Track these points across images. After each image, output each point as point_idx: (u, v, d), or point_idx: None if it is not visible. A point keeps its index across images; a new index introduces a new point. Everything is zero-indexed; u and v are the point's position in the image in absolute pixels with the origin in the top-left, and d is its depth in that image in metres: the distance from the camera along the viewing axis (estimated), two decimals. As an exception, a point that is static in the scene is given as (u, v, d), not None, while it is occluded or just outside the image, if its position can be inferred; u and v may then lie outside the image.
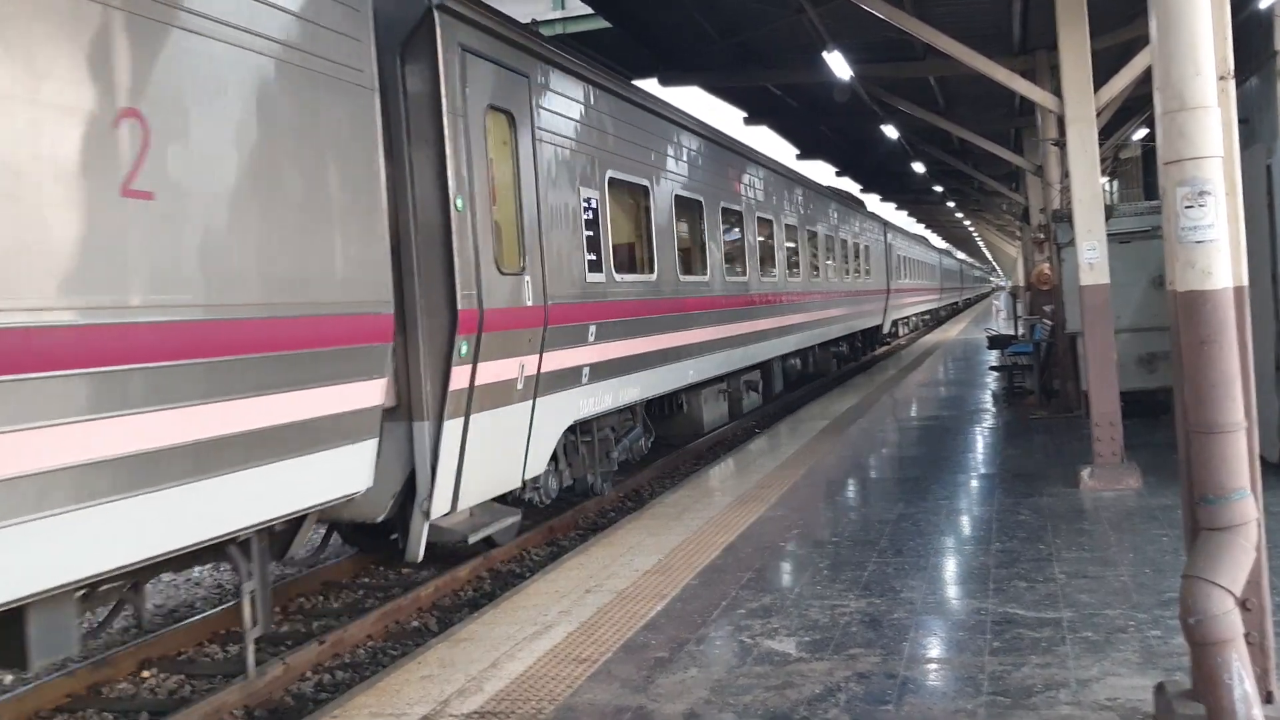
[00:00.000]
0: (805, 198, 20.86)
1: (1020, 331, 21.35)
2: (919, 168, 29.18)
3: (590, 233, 10.22)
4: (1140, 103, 16.66)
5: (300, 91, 6.18)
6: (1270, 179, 8.54)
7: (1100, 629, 5.64)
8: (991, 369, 20.61)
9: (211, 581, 9.56)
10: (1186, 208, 4.15)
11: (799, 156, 27.74)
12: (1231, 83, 4.52)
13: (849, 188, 32.95)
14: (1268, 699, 4.19)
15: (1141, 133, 20.48)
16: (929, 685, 5.07)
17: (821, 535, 8.18)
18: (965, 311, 66.43)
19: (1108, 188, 22.95)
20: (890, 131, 21.74)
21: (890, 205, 50.67)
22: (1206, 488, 4.13)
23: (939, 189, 37.82)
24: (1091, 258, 9.51)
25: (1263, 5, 8.87)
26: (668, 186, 12.66)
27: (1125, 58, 11.01)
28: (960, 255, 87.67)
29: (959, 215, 55.42)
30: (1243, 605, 4.04)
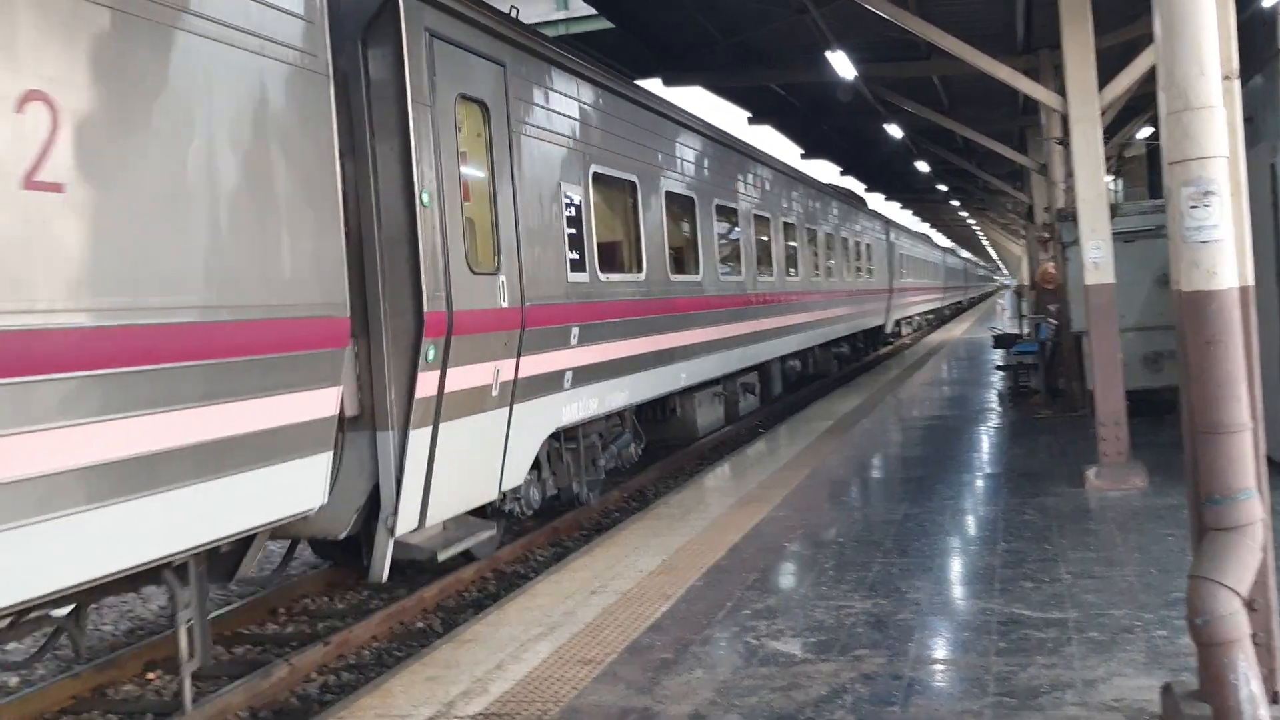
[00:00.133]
0: (804, 195, 20.54)
1: (1025, 330, 21.33)
2: (923, 167, 29.19)
3: (573, 230, 9.81)
4: (1145, 101, 16.62)
5: (239, 75, 5.69)
6: (1275, 178, 8.52)
7: (1106, 629, 5.63)
8: (996, 368, 20.60)
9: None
10: (1191, 208, 4.14)
11: (803, 156, 27.78)
12: (1236, 82, 4.51)
13: (853, 187, 32.90)
14: (1274, 699, 4.19)
15: (1146, 131, 20.46)
16: (935, 686, 5.07)
17: (826, 536, 8.17)
18: (970, 310, 66.45)
19: (1113, 186, 22.91)
20: (894, 131, 21.74)
21: (894, 204, 50.68)
22: (1213, 488, 4.12)
23: (943, 188, 37.82)
24: (1096, 257, 9.50)
25: (1266, 4, 8.86)
26: (657, 183, 12.27)
27: (1129, 56, 10.99)
28: (964, 254, 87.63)
29: (963, 214, 55.43)
30: (1249, 605, 4.03)
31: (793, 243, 19.06)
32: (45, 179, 4.54)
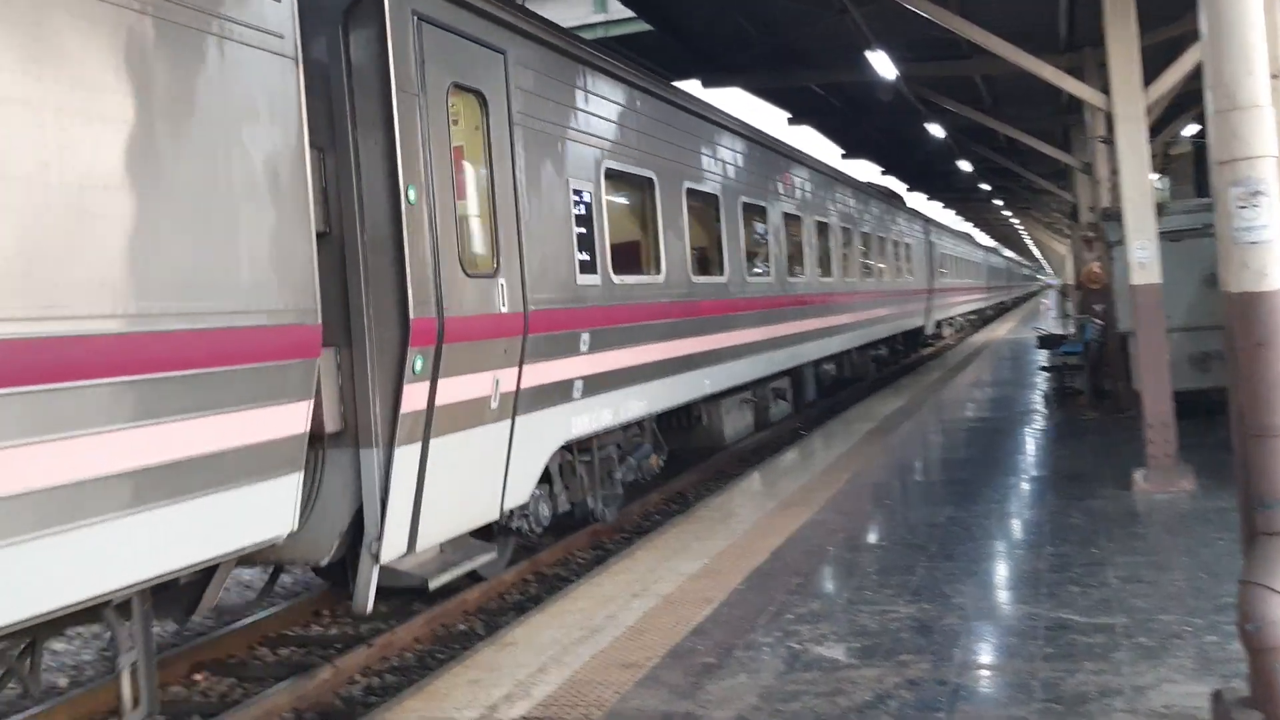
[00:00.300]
0: (838, 193, 19.97)
1: (1070, 331, 21.11)
2: (965, 166, 28.96)
3: (583, 231, 9.14)
4: (1190, 98, 16.38)
5: (185, 56, 5.13)
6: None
7: (1155, 635, 5.56)
8: (1041, 369, 20.40)
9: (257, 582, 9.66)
10: (1240, 208, 4.10)
11: (844, 156, 27.65)
12: (1285, 80, 4.44)
13: (894, 187, 32.71)
14: (1328, 707, 4.11)
15: (1192, 129, 20.18)
16: (981, 692, 5.03)
17: (869, 539, 8.13)
18: (1014, 310, 65.87)
19: (1158, 185, 22.62)
20: (936, 130, 21.58)
21: (937, 204, 50.35)
22: (1263, 492, 4.07)
23: (986, 187, 37.52)
24: (1143, 257, 9.39)
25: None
26: (678, 180, 11.55)
27: (1174, 53, 10.83)
28: (1007, 253, 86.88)
29: (1006, 213, 54.95)
30: (1302, 612, 3.97)
31: (825, 242, 18.48)
32: None
